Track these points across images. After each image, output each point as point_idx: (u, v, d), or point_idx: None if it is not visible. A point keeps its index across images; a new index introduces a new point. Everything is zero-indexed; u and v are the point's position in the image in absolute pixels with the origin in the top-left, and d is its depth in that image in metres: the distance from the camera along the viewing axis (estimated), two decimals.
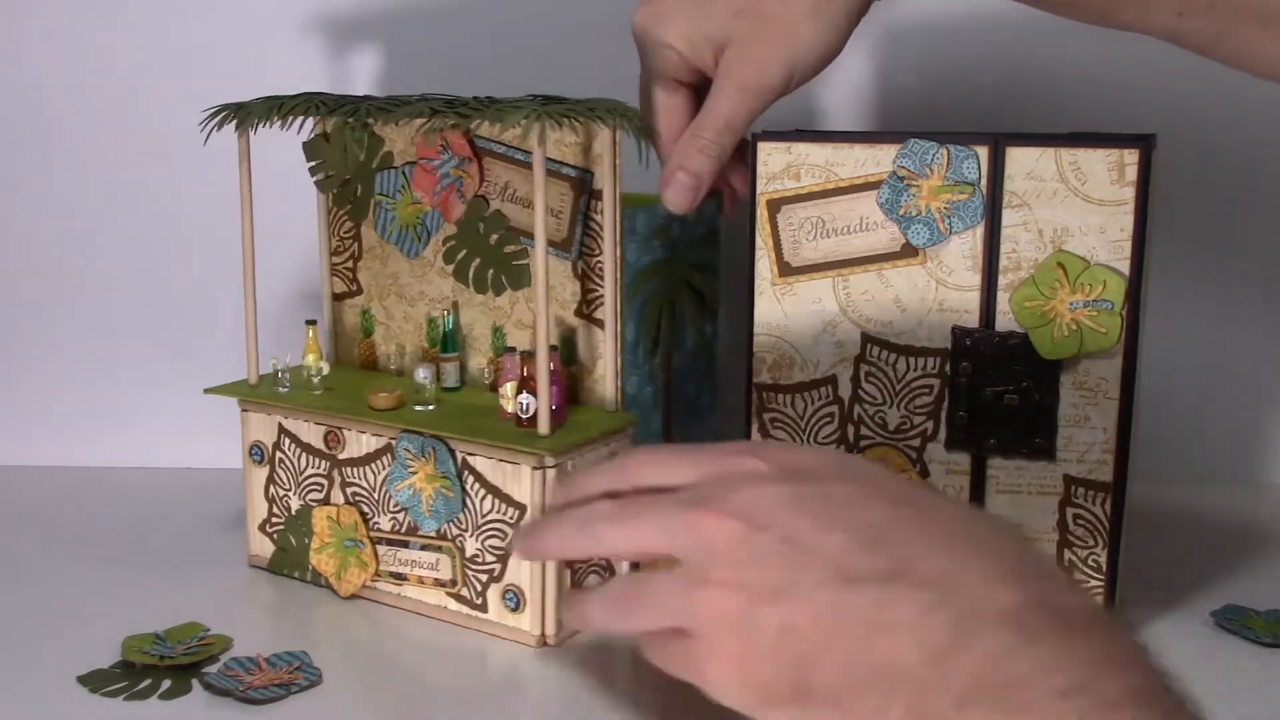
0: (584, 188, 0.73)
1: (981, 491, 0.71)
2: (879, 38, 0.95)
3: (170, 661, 0.68)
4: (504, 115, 0.67)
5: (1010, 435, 0.70)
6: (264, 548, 0.82)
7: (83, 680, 0.66)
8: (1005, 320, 0.69)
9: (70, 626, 0.73)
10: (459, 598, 0.73)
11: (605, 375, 0.73)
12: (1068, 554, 0.70)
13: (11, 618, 0.74)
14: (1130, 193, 0.66)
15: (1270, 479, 0.99)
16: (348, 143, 0.80)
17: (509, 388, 0.71)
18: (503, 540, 0.70)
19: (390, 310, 0.83)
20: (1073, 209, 0.67)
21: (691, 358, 0.80)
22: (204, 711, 0.64)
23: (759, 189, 0.73)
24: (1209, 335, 0.98)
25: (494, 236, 0.76)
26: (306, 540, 0.78)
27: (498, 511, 0.70)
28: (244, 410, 0.81)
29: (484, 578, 0.72)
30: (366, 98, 0.78)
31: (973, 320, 0.70)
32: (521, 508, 0.69)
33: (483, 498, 0.70)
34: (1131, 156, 0.66)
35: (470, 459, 0.71)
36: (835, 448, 0.74)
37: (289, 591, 0.79)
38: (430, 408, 0.74)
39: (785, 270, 0.73)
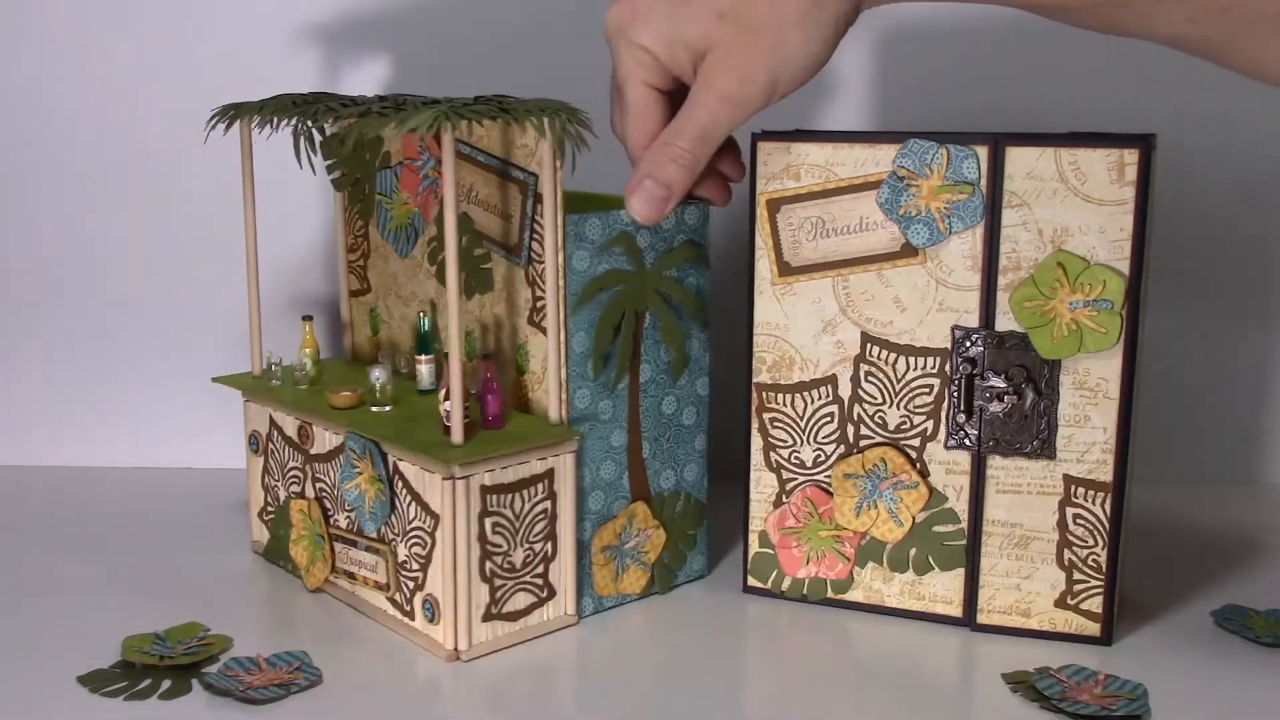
0: (528, 191, 0.72)
1: (981, 491, 0.71)
2: (879, 38, 0.95)
3: (170, 661, 0.68)
4: (406, 119, 0.65)
5: (1010, 435, 0.70)
6: (262, 534, 0.84)
7: (83, 680, 0.66)
8: (1005, 320, 0.69)
9: (70, 626, 0.73)
10: (394, 602, 0.73)
11: (550, 387, 0.71)
12: (1067, 554, 0.70)
13: (11, 618, 0.75)
14: (1130, 193, 0.66)
15: (1270, 479, 1.00)
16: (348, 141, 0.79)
17: (442, 394, 0.70)
18: (424, 548, 0.69)
19: (390, 309, 0.84)
20: (1073, 209, 0.67)
21: (667, 374, 0.75)
22: (204, 711, 0.64)
23: (759, 189, 0.73)
24: (1209, 335, 0.98)
25: (464, 239, 0.75)
26: (286, 531, 0.80)
27: (420, 519, 0.70)
28: (245, 400, 0.83)
29: (411, 584, 0.71)
30: (319, 96, 0.77)
31: (973, 320, 0.70)
32: (437, 517, 0.68)
33: (409, 504, 0.70)
34: (1131, 156, 0.66)
35: (400, 464, 0.70)
36: (835, 449, 0.74)
37: (289, 591, 0.79)
38: (386, 409, 0.75)
39: (785, 270, 0.73)
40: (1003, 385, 0.70)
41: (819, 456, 0.75)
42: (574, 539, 0.72)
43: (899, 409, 0.72)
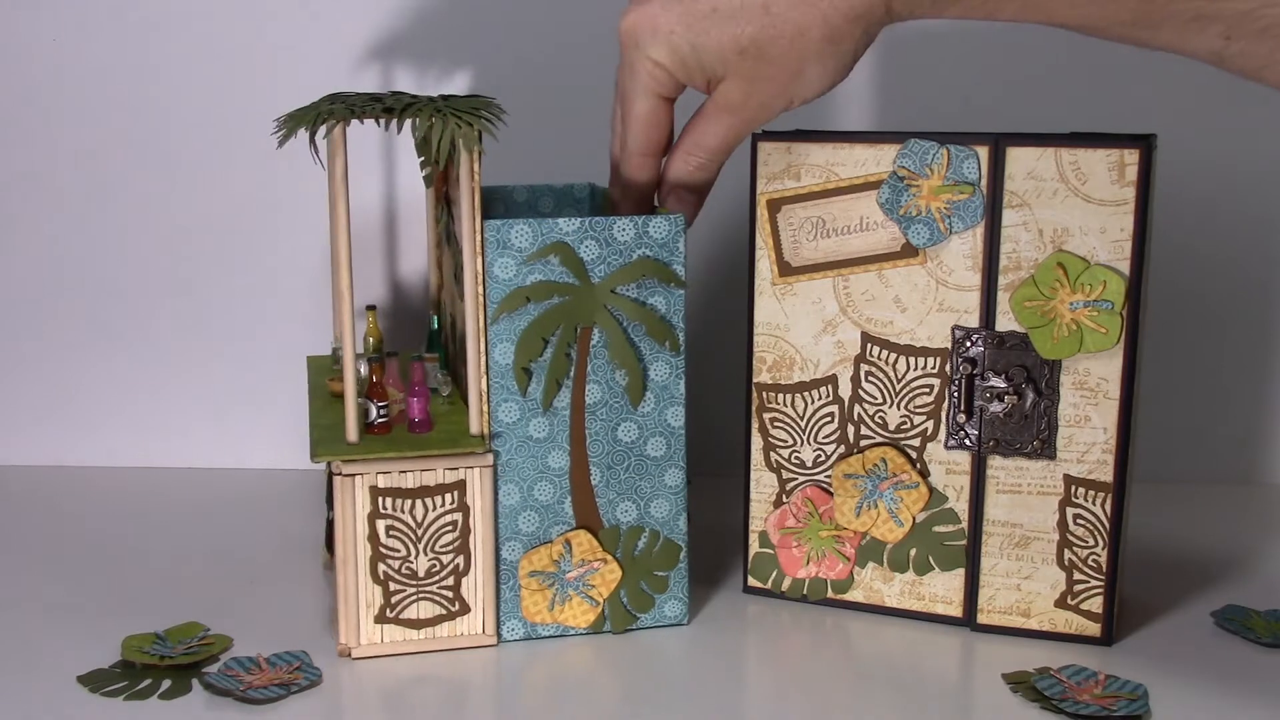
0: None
1: (981, 491, 0.71)
2: (879, 38, 0.95)
3: (170, 661, 0.68)
4: (298, 118, 0.65)
5: (1010, 435, 0.70)
6: None
7: (83, 680, 0.66)
8: (1005, 320, 0.69)
9: (70, 626, 0.73)
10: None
11: (470, 397, 0.69)
12: (1068, 554, 0.70)
13: (11, 618, 0.74)
14: (1130, 193, 0.66)
15: (1270, 479, 1.00)
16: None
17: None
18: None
19: (445, 306, 0.84)
20: (1073, 209, 0.67)
21: (622, 398, 0.70)
22: (204, 711, 0.64)
23: (759, 189, 0.73)
24: (1209, 336, 0.98)
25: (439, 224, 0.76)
26: None
27: (332, 510, 0.71)
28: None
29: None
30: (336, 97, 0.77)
31: (973, 320, 0.70)
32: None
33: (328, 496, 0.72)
34: (1131, 156, 0.66)
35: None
36: (835, 449, 0.74)
37: (285, 588, 0.79)
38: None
39: (785, 270, 0.73)
40: (1003, 385, 0.70)
41: (819, 456, 0.75)
42: (493, 557, 0.70)
43: (899, 409, 0.72)
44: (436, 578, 0.70)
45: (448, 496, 0.69)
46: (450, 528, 0.69)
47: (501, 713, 0.66)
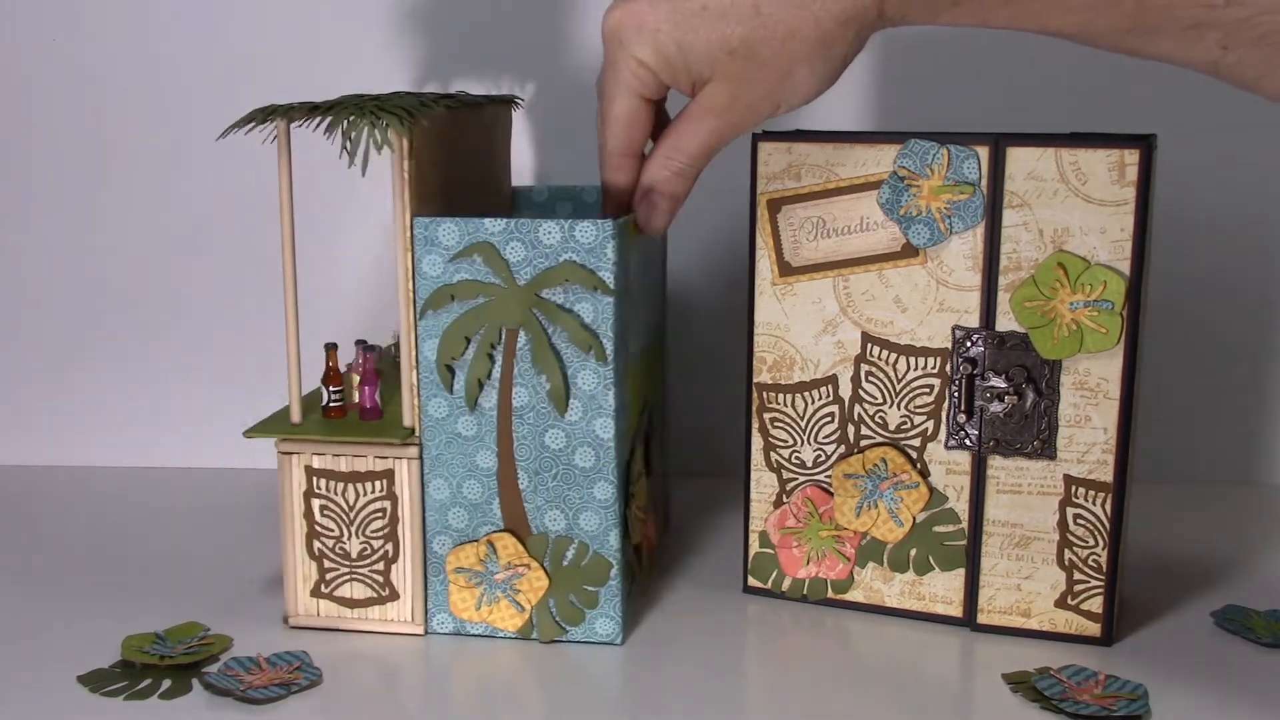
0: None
1: (981, 491, 0.71)
2: (879, 38, 0.95)
3: (170, 661, 0.68)
4: (246, 120, 0.67)
5: (1010, 435, 0.70)
6: None
7: (83, 680, 0.66)
8: (1006, 320, 0.69)
9: (70, 626, 0.73)
10: None
11: (404, 390, 0.70)
12: (1068, 554, 0.70)
13: (11, 618, 0.75)
14: (1130, 193, 0.66)
15: (1270, 479, 1.00)
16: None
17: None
18: None
19: None
20: (1073, 209, 0.67)
21: (549, 405, 0.68)
22: (204, 711, 0.64)
23: (760, 189, 0.73)
24: (1209, 335, 0.98)
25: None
26: None
27: None
28: None
29: None
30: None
31: (973, 320, 0.70)
32: None
33: None
34: (1131, 156, 0.66)
35: None
36: (835, 449, 0.74)
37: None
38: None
39: (785, 270, 0.73)
40: (1003, 385, 0.70)
41: (819, 456, 0.75)
42: (421, 548, 0.71)
43: (899, 409, 0.72)
44: (367, 561, 0.71)
45: (377, 484, 0.71)
46: (380, 514, 0.71)
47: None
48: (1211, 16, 0.56)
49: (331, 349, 0.74)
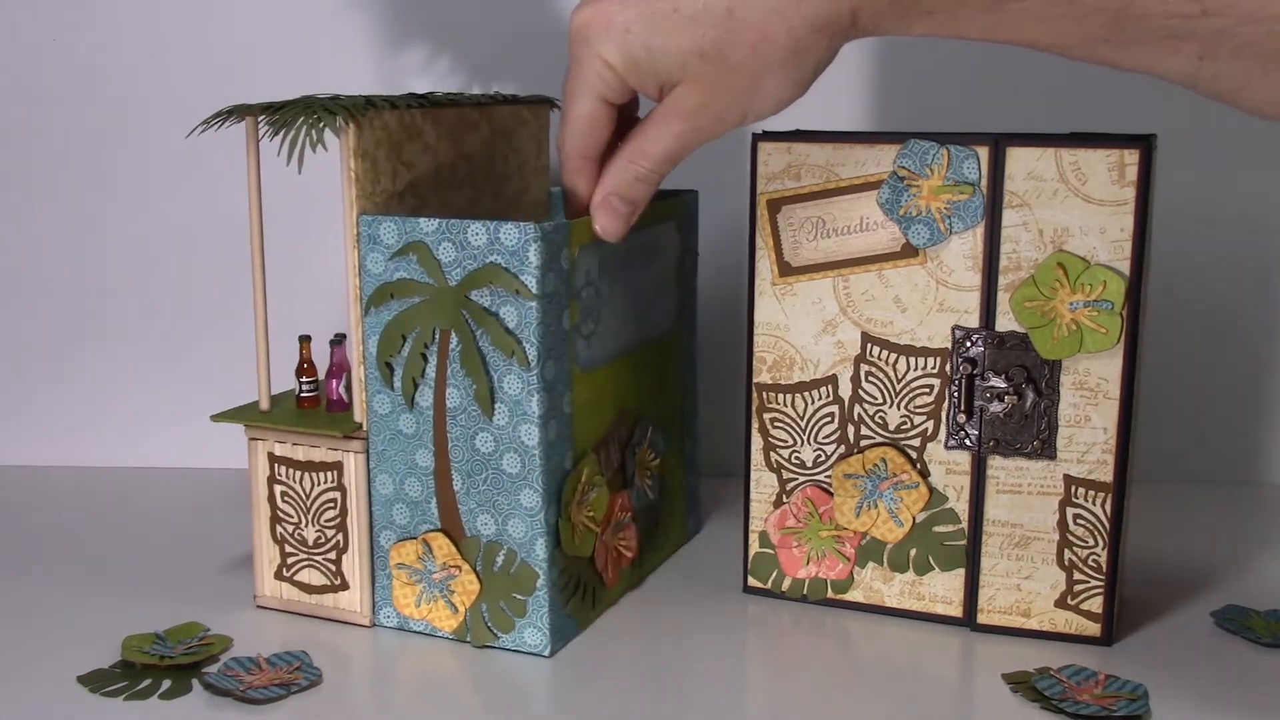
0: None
1: (981, 491, 0.71)
2: (879, 38, 0.95)
3: (170, 661, 0.68)
4: (213, 119, 0.70)
5: (1010, 435, 0.70)
6: None
7: (83, 680, 0.66)
8: (1006, 320, 0.69)
9: (70, 626, 0.73)
10: None
11: (355, 386, 0.72)
12: (1068, 554, 0.70)
13: (11, 618, 0.75)
14: (1130, 193, 0.66)
15: (1270, 479, 1.00)
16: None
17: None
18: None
19: None
20: (1073, 209, 0.67)
21: (476, 408, 0.68)
22: (204, 711, 0.64)
23: (759, 189, 0.73)
24: (1209, 335, 0.98)
25: None
26: None
27: None
28: None
29: None
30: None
31: (973, 320, 0.70)
32: None
33: None
34: (1131, 156, 0.66)
35: None
36: (835, 449, 0.74)
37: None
38: None
39: (785, 270, 0.73)
40: (1003, 385, 0.70)
41: (819, 456, 0.75)
42: (368, 541, 0.72)
43: (899, 409, 0.72)
44: (321, 550, 0.73)
45: (329, 474, 0.72)
46: (332, 505, 0.72)
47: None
48: (1188, 27, 0.55)
49: (305, 341, 0.76)
